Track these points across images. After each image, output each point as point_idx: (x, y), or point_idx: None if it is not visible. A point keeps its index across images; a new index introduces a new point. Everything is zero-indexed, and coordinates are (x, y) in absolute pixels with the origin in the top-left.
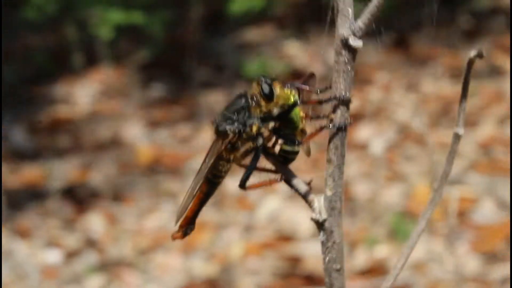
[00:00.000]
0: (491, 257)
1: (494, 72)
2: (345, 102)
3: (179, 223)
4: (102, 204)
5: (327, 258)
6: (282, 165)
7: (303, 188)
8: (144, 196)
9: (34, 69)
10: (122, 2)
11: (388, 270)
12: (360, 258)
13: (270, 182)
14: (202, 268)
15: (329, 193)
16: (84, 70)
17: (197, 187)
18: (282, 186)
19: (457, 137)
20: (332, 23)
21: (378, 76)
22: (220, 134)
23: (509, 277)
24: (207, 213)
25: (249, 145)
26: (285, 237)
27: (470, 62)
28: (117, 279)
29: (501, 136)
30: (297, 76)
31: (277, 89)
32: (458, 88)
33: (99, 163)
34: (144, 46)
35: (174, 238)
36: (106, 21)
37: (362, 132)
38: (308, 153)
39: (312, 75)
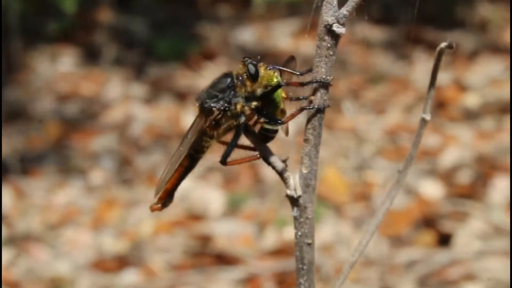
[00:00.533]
0: (397, 241)
1: (401, 61)
2: (325, 85)
3: (158, 196)
4: (11, 178)
5: (299, 233)
6: (261, 143)
7: (279, 165)
8: (53, 171)
9: None
10: None
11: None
12: (269, 239)
13: (249, 159)
14: (112, 244)
15: (304, 170)
16: None
17: (179, 162)
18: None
19: (424, 122)
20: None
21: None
22: (205, 111)
23: (413, 261)
24: (117, 190)
25: (232, 122)
26: (196, 216)
27: (440, 52)
28: (26, 253)
29: (407, 124)
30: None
31: (262, 70)
32: (366, 75)
33: (6, 136)
34: (55, 20)
35: (153, 209)
36: None
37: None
38: (286, 132)
39: (292, 58)
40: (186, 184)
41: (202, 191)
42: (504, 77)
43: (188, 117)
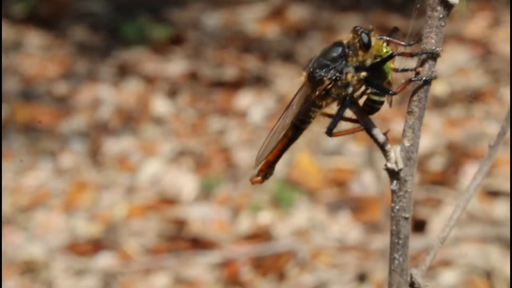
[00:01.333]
0: (372, 228)
1: None
2: (434, 56)
3: (259, 167)
4: None
5: (397, 207)
6: (365, 115)
7: (381, 137)
8: (21, 153)
9: None
10: None
11: (272, 236)
12: (244, 224)
13: (353, 130)
14: (85, 227)
15: (407, 143)
16: None
17: (283, 133)
18: (163, 149)
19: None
20: None
21: (256, 45)
22: (314, 80)
23: (388, 246)
24: (87, 173)
25: (340, 93)
26: (169, 200)
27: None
28: None
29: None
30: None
31: (374, 40)
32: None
33: None
34: (18, 1)
35: (253, 182)
36: None
37: (242, 100)
38: (390, 104)
39: (395, 29)
40: (157, 168)
41: (174, 175)
42: (471, 65)
43: (157, 101)
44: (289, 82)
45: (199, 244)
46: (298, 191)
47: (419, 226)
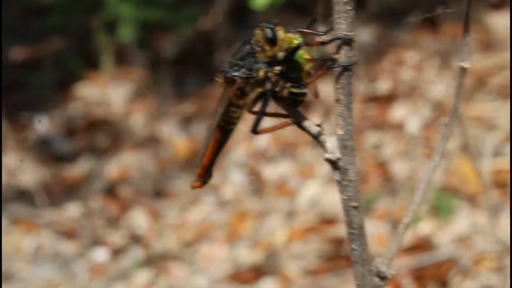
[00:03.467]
0: None
1: None
2: (348, 41)
3: (197, 172)
4: (144, 201)
5: (344, 197)
6: (293, 108)
7: (314, 129)
8: (184, 190)
9: (65, 73)
10: (147, 2)
11: (433, 245)
12: (404, 236)
13: (282, 125)
14: (247, 256)
15: (340, 132)
16: (115, 71)
17: (211, 136)
18: (321, 170)
19: (462, 70)
20: None
21: (408, 56)
22: (228, 81)
23: None
24: (248, 202)
25: (258, 90)
26: (328, 220)
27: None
28: (164, 272)
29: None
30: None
31: (280, 33)
32: (489, 62)
33: (138, 161)
34: (173, 43)
35: (193, 187)
36: (133, 21)
37: (397, 112)
38: (315, 95)
39: (314, 20)
40: (315, 190)
41: (332, 195)
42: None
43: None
44: (445, 87)
45: None
46: (458, 197)
47: None
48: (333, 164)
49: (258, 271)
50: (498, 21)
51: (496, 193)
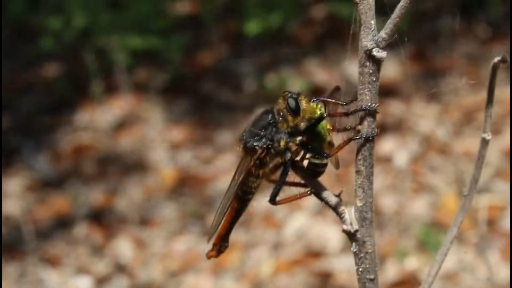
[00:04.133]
0: None
1: None
2: (372, 113)
3: (212, 242)
4: (130, 229)
5: (360, 269)
6: (311, 178)
7: (333, 200)
8: (171, 219)
9: (55, 98)
10: (139, 28)
11: (420, 281)
12: (391, 271)
13: (300, 196)
14: (233, 287)
15: (359, 203)
16: (104, 97)
17: (228, 205)
18: (309, 202)
19: (485, 142)
20: (352, 38)
21: (398, 88)
22: (248, 150)
23: None
24: (235, 233)
25: (278, 160)
26: (315, 253)
27: (495, 67)
28: None
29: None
30: (321, 92)
31: (303, 103)
32: (478, 97)
33: (124, 188)
34: (163, 70)
35: (209, 257)
36: (124, 48)
37: (386, 145)
38: (337, 165)
39: (337, 89)
40: (302, 222)
41: (319, 228)
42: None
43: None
44: (433, 122)
45: None
46: (445, 233)
47: None
48: (351, 236)
49: None
50: (487, 55)
51: (485, 230)
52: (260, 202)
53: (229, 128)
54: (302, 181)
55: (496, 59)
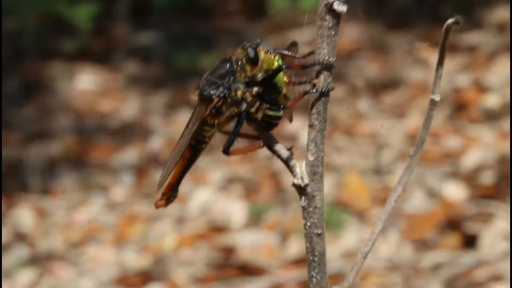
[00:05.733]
0: (422, 245)
1: (419, 64)
2: (328, 67)
3: (161, 190)
4: (31, 198)
5: (308, 223)
6: (265, 131)
7: (285, 153)
8: (73, 189)
9: None
10: None
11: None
12: (294, 247)
13: (253, 148)
14: (135, 260)
15: (311, 158)
16: (10, 62)
17: (180, 153)
18: (213, 177)
19: (433, 103)
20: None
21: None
22: (204, 99)
23: (439, 263)
24: (138, 206)
25: (233, 110)
26: (218, 228)
27: (447, 29)
28: (49, 272)
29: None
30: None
31: (262, 54)
32: (385, 81)
33: (26, 156)
34: (71, 38)
35: (157, 206)
36: (31, 11)
37: (291, 124)
38: (290, 119)
39: (294, 43)
40: (206, 197)
41: (223, 202)
42: None
43: None
44: (339, 104)
45: (248, 270)
46: (348, 212)
47: (470, 241)
48: (301, 190)
49: (146, 276)
50: (394, 40)
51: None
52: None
53: (135, 99)
54: (255, 133)
55: (450, 20)
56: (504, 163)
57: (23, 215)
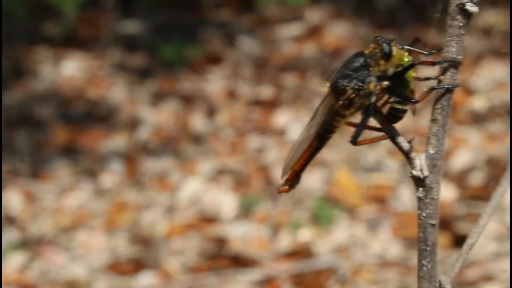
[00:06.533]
0: (412, 243)
1: None
2: (456, 65)
3: (286, 177)
4: (20, 182)
5: (424, 214)
6: (389, 124)
7: (406, 145)
8: (62, 174)
9: None
10: None
11: (312, 253)
12: (284, 241)
13: (378, 139)
14: (126, 247)
15: (431, 151)
16: None
17: (309, 142)
18: (203, 168)
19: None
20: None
21: (292, 63)
22: (337, 90)
23: None
24: (127, 193)
25: (364, 102)
26: (209, 219)
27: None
28: (39, 257)
29: (416, 127)
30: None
31: (395, 49)
32: None
33: (14, 141)
34: (56, 24)
35: (280, 191)
36: None
37: (280, 119)
38: (414, 112)
39: (417, 40)
40: (196, 187)
41: (213, 194)
42: (509, 80)
43: (195, 120)
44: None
45: (239, 262)
46: (338, 208)
47: (460, 241)
48: (419, 181)
49: (138, 264)
50: None
51: (375, 207)
52: (155, 164)
53: (122, 87)
54: (378, 126)
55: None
56: (492, 165)
57: (12, 198)
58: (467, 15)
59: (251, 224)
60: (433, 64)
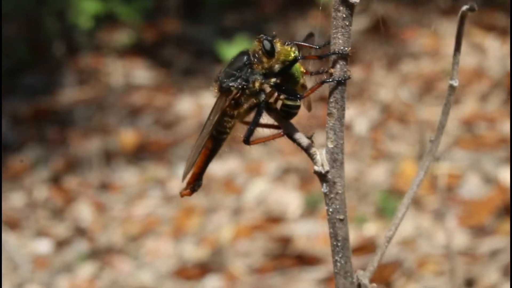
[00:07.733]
0: (479, 231)
1: (474, 49)
2: (344, 56)
3: (186, 180)
4: (90, 192)
5: (331, 209)
6: (284, 120)
7: (305, 141)
8: (131, 183)
9: (14, 61)
10: None
11: (378, 247)
12: (350, 236)
13: (273, 137)
14: (193, 252)
15: (330, 145)
16: (65, 60)
17: (203, 144)
18: (269, 168)
19: (452, 89)
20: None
21: (358, 57)
22: (223, 90)
23: (497, 250)
24: (195, 198)
25: (252, 101)
26: (274, 219)
27: (463, 16)
28: (109, 266)
29: (483, 112)
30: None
31: (278, 46)
32: (437, 67)
33: (84, 152)
34: (123, 34)
35: (182, 195)
36: (84, 11)
37: (346, 113)
38: (309, 108)
39: (310, 35)
40: (262, 187)
41: (279, 193)
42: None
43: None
44: (393, 91)
45: (304, 260)
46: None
47: None
48: (322, 177)
49: (204, 268)
50: (446, 26)
51: (441, 197)
52: (221, 168)
53: (190, 93)
54: (275, 123)
55: (465, 7)
56: None
57: (82, 210)
58: (349, 5)
59: (316, 222)
60: (319, 57)
